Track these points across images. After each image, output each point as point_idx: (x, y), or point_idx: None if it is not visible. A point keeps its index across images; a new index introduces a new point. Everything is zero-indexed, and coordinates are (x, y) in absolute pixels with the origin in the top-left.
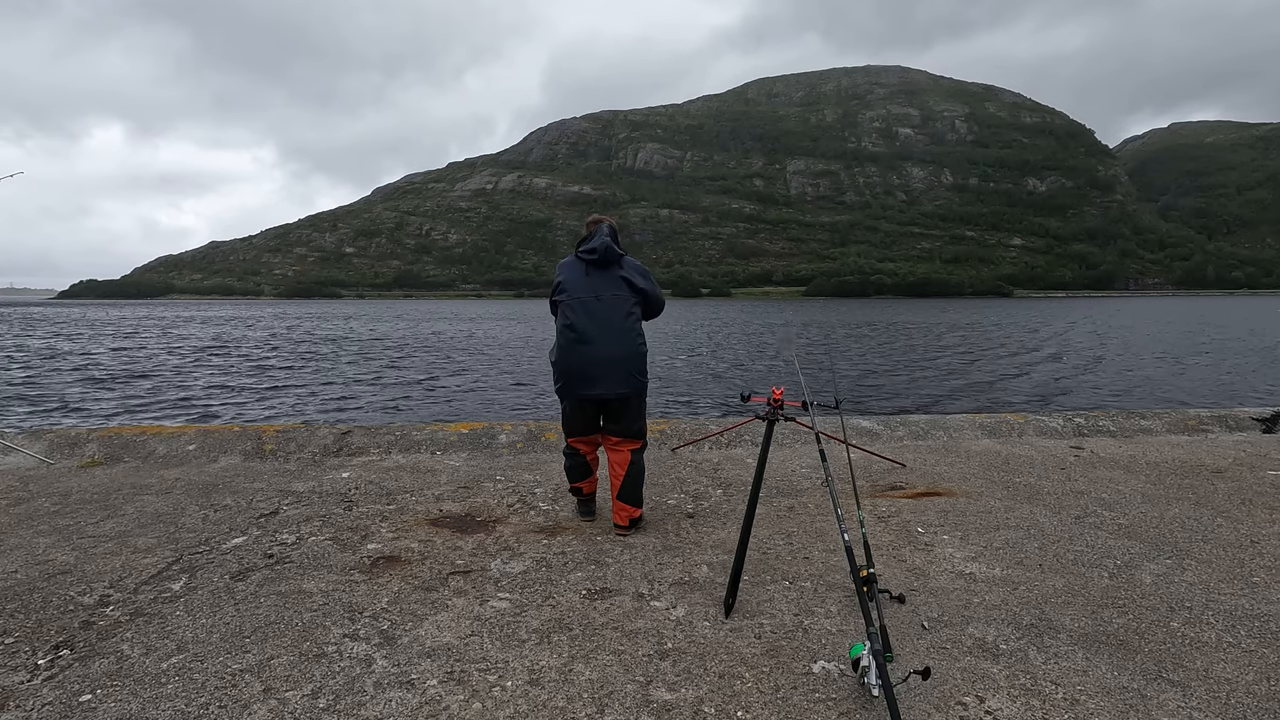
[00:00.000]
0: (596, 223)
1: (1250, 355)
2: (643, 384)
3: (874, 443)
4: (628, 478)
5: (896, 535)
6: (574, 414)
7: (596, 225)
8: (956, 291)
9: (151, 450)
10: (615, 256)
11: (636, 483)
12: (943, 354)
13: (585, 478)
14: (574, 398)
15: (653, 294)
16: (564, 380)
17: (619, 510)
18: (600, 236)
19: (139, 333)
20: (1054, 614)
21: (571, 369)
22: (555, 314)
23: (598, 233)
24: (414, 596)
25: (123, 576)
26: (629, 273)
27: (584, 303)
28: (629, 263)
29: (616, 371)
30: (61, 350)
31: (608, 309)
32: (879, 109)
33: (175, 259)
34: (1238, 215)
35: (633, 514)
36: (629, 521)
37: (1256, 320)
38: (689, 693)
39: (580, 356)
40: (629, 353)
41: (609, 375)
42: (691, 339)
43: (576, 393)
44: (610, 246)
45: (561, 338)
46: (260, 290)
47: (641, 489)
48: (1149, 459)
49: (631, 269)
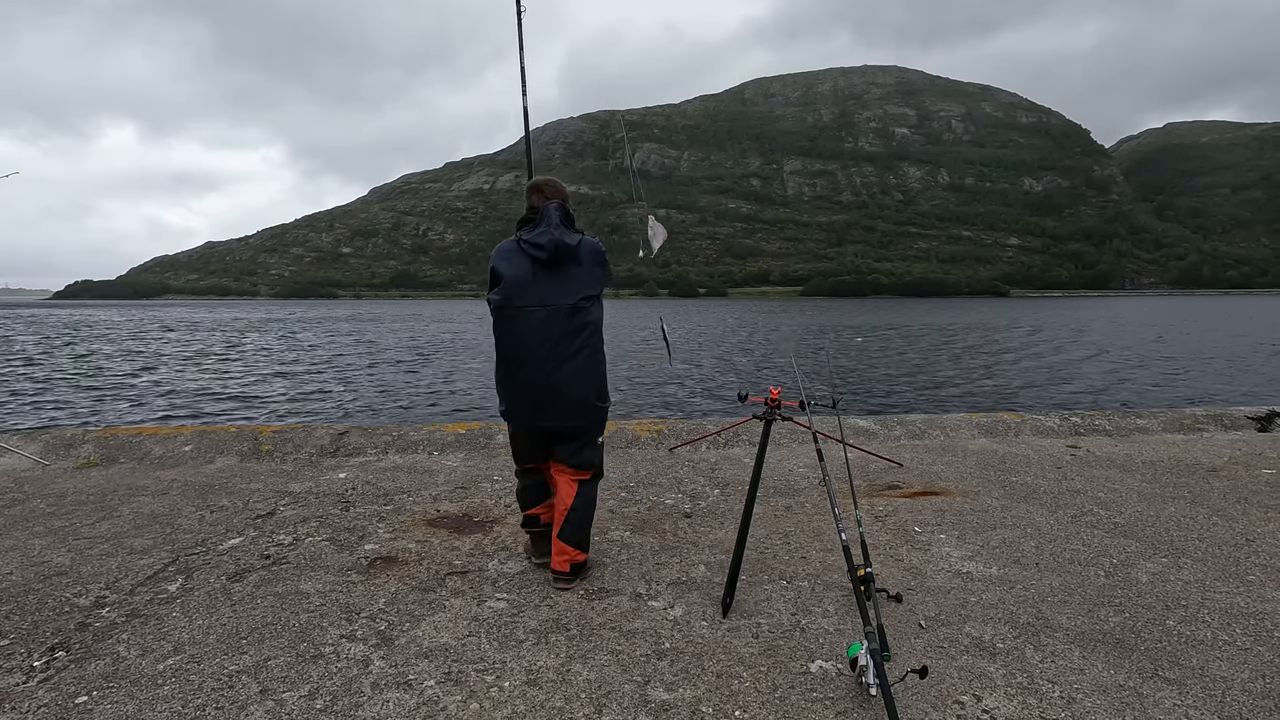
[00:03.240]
0: (542, 195)
1: (1251, 355)
2: (601, 411)
3: (871, 442)
4: (572, 513)
5: (894, 535)
6: (520, 441)
7: (543, 202)
8: (953, 291)
9: (147, 451)
10: (568, 254)
11: (583, 521)
12: (940, 354)
13: (542, 500)
14: (519, 427)
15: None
16: (507, 405)
17: (558, 554)
18: (548, 226)
19: (133, 336)
20: (1051, 613)
21: (514, 395)
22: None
23: (544, 216)
24: (411, 597)
25: (119, 578)
26: (586, 268)
27: (528, 314)
28: (586, 249)
29: (568, 401)
30: (58, 351)
31: (559, 324)
32: (875, 109)
33: (171, 259)
34: (1233, 215)
35: (575, 558)
36: (569, 567)
37: (1255, 320)
38: (687, 692)
39: (525, 382)
40: (585, 379)
41: (558, 405)
42: (690, 339)
43: (522, 422)
44: (561, 244)
45: (501, 354)
46: (257, 291)
47: (589, 529)
48: (1145, 458)
49: (589, 260)
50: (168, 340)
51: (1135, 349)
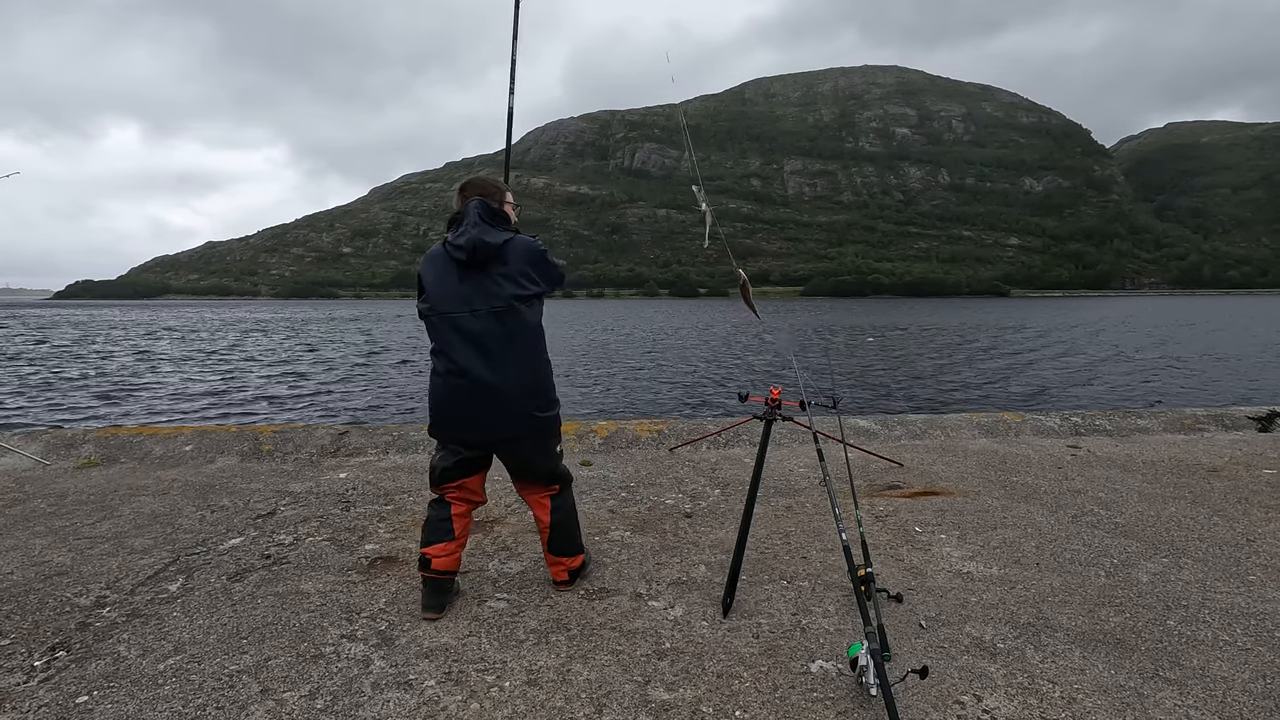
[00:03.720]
0: (463, 195)
1: (1251, 354)
2: (544, 420)
3: (871, 442)
4: (554, 528)
5: (894, 535)
6: (444, 455)
7: (465, 201)
8: (954, 291)
9: (148, 451)
10: (491, 253)
11: (568, 530)
12: (940, 353)
13: (440, 540)
14: (444, 439)
15: (550, 276)
16: (436, 419)
17: (553, 565)
18: (468, 224)
19: (134, 336)
20: (1051, 613)
21: (441, 404)
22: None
23: (465, 214)
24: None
25: (119, 578)
26: (515, 267)
27: (454, 320)
28: (516, 248)
29: (502, 408)
30: (55, 351)
31: (488, 328)
32: (876, 109)
33: (172, 259)
34: (1233, 215)
35: (571, 565)
36: (569, 574)
37: (1255, 320)
38: (687, 692)
39: (455, 391)
40: (522, 384)
41: (491, 413)
42: (689, 339)
43: (448, 433)
44: (480, 243)
45: (433, 365)
46: (257, 291)
47: (578, 533)
48: (1146, 458)
49: (519, 259)
50: (168, 340)
51: (1145, 350)
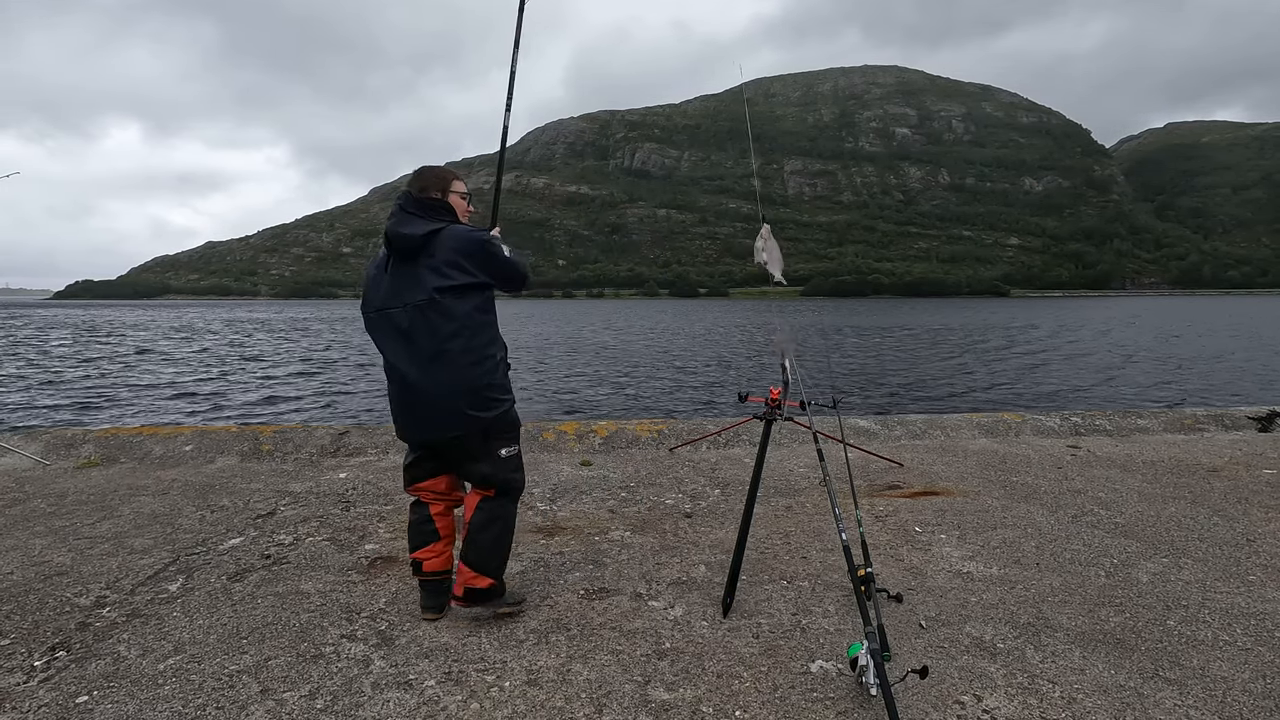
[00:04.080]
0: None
1: (1252, 354)
2: (482, 421)
3: (871, 442)
4: (473, 531)
5: (894, 535)
6: (407, 454)
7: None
8: (954, 291)
9: (148, 451)
10: (413, 244)
11: (484, 543)
12: (940, 353)
13: (427, 543)
14: (401, 439)
15: (498, 270)
16: (393, 417)
17: (458, 572)
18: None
19: (134, 336)
20: (1051, 613)
21: (391, 404)
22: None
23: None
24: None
25: (119, 578)
26: (442, 258)
27: (387, 317)
28: (445, 238)
29: (438, 410)
30: (55, 351)
31: (416, 323)
32: (876, 109)
33: (172, 259)
34: (1233, 215)
35: (474, 582)
36: (464, 591)
37: (1256, 320)
38: (687, 692)
39: (395, 391)
40: (455, 385)
41: (431, 415)
42: (689, 339)
43: (399, 434)
44: (395, 234)
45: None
46: (257, 291)
47: (495, 554)
48: (1146, 458)
49: (447, 249)
50: (168, 340)
51: (1150, 349)
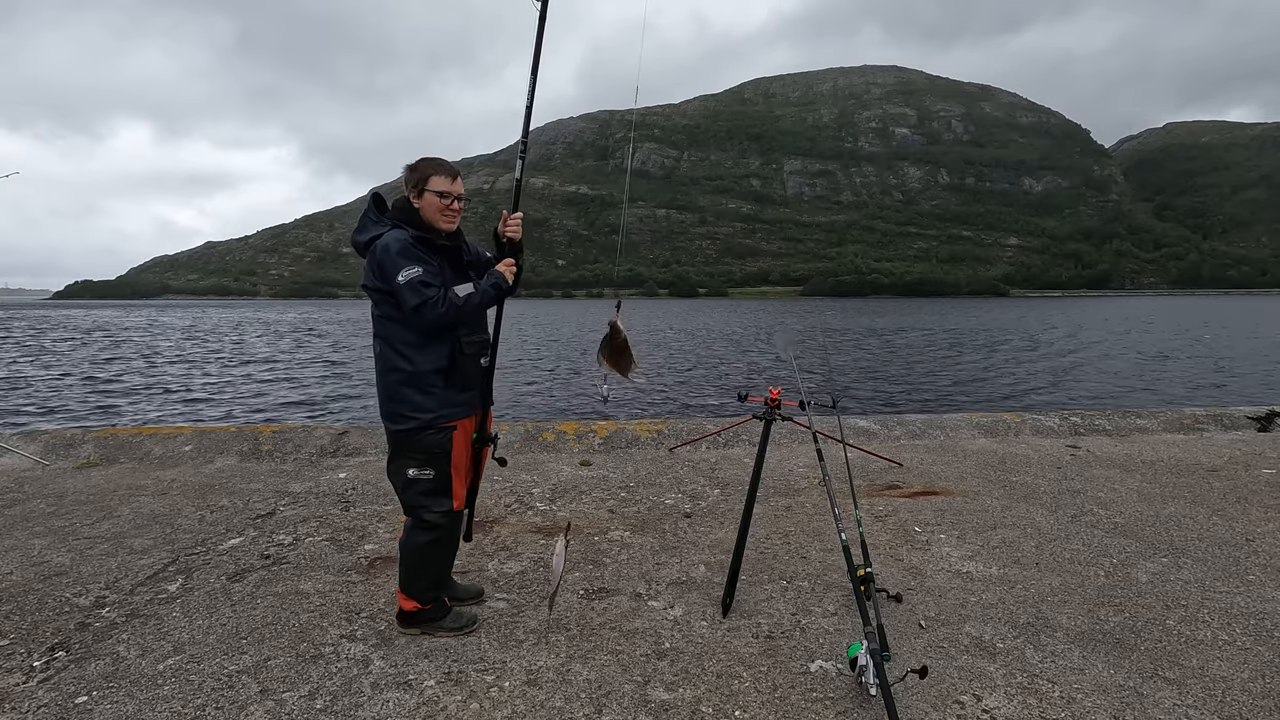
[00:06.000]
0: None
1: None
2: (391, 432)
3: (871, 442)
4: (399, 553)
5: (894, 534)
6: None
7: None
8: (953, 291)
9: (147, 451)
10: (361, 250)
11: (403, 563)
12: (939, 353)
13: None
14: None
15: (389, 281)
16: None
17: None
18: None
19: (133, 336)
20: (1051, 612)
21: None
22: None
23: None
24: None
25: (119, 578)
26: (368, 263)
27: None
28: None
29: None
30: (55, 351)
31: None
32: (875, 109)
33: (171, 259)
34: (1233, 215)
35: (401, 604)
36: (399, 610)
37: (1257, 320)
38: (687, 692)
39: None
40: (378, 387)
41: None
42: (689, 339)
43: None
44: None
45: None
46: (256, 291)
47: (418, 578)
48: (1145, 458)
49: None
50: (168, 340)
51: (1154, 349)
